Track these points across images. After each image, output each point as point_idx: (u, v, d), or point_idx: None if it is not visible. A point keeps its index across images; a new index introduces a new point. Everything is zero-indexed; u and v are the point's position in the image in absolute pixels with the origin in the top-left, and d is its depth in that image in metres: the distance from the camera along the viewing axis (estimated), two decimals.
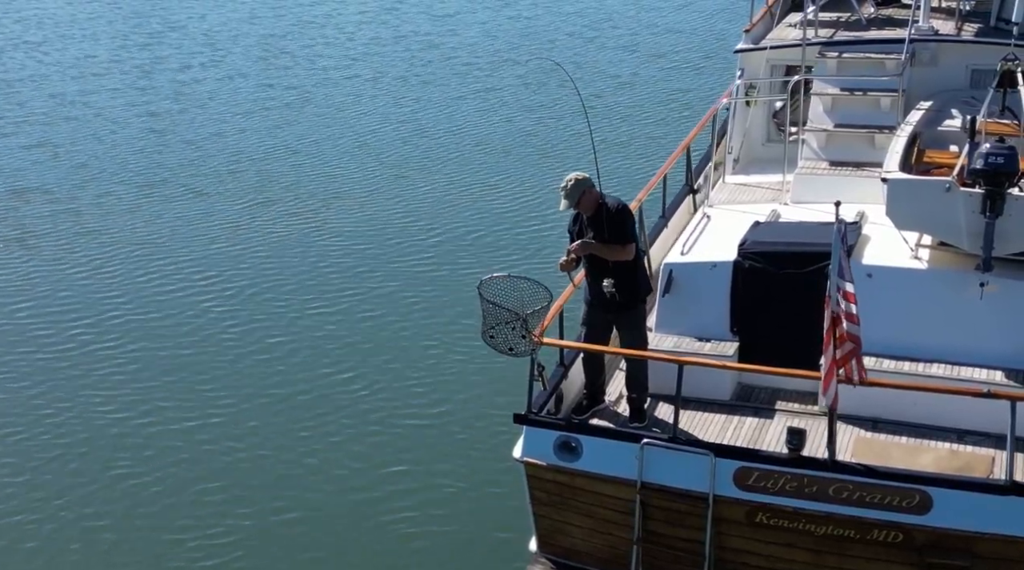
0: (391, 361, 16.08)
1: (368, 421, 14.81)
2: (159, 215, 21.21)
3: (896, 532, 9.48)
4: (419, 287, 18.09)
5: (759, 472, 9.78)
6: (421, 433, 14.52)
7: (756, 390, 11.47)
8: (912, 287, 11.15)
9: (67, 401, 15.40)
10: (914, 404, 10.54)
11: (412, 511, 13.10)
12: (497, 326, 9.79)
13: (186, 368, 16.09)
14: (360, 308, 17.51)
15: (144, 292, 18.23)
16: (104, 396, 15.49)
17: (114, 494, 13.61)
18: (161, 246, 19.88)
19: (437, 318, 17.17)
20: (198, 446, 14.42)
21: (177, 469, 13.99)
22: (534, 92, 27.48)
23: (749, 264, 11.61)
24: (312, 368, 15.99)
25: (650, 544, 10.24)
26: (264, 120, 26.24)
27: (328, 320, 17.20)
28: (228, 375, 15.96)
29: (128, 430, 14.79)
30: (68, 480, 13.89)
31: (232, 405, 15.24)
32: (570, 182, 10.59)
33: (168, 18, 35.24)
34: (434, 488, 13.49)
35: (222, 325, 17.24)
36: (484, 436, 14.32)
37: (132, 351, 16.61)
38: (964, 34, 14.48)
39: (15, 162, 23.90)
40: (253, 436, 14.58)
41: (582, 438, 10.39)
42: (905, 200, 11.11)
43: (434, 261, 18.97)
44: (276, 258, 19.28)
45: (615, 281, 10.68)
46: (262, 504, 13.33)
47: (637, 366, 11.01)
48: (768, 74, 14.99)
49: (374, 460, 14.02)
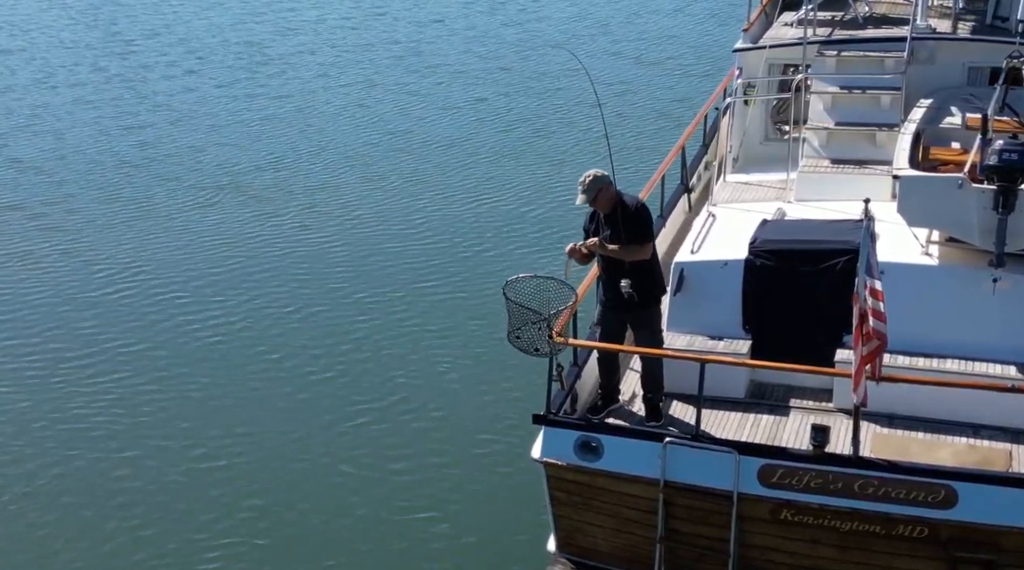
0: (405, 361, 16.00)
1: (382, 421, 14.75)
2: (167, 219, 20.92)
3: (922, 527, 9.52)
4: (434, 289, 17.99)
5: (783, 469, 9.80)
6: (433, 434, 14.46)
7: (770, 387, 11.50)
8: (924, 283, 11.21)
9: (61, 413, 15.29)
10: (929, 400, 10.60)
11: (427, 512, 13.04)
12: (523, 327, 9.74)
13: (208, 375, 15.95)
14: (375, 310, 17.38)
15: (142, 305, 17.87)
16: (104, 407, 15.36)
17: (127, 496, 13.56)
18: (171, 254, 19.64)
19: (450, 319, 17.09)
20: (217, 448, 14.43)
21: (202, 474, 13.99)
22: (542, 93, 27.34)
23: (761, 262, 11.63)
24: (327, 369, 15.90)
25: (673, 543, 10.23)
26: (275, 124, 25.86)
27: (343, 322, 17.08)
28: (244, 375, 15.88)
29: (146, 435, 14.77)
30: (76, 480, 13.84)
31: (246, 404, 15.22)
32: (588, 178, 10.58)
33: (149, 23, 34.55)
34: (448, 489, 13.43)
35: (241, 327, 17.11)
36: (498, 436, 14.27)
37: (144, 355, 16.51)
38: (960, 32, 14.61)
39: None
40: (268, 437, 14.51)
41: (603, 438, 10.37)
42: (917, 197, 11.17)
43: (450, 263, 18.85)
44: (294, 262, 19.08)
45: (632, 281, 10.66)
46: (278, 505, 13.28)
47: (653, 365, 11.00)
48: (767, 73, 15.04)
49: (389, 461, 13.96)
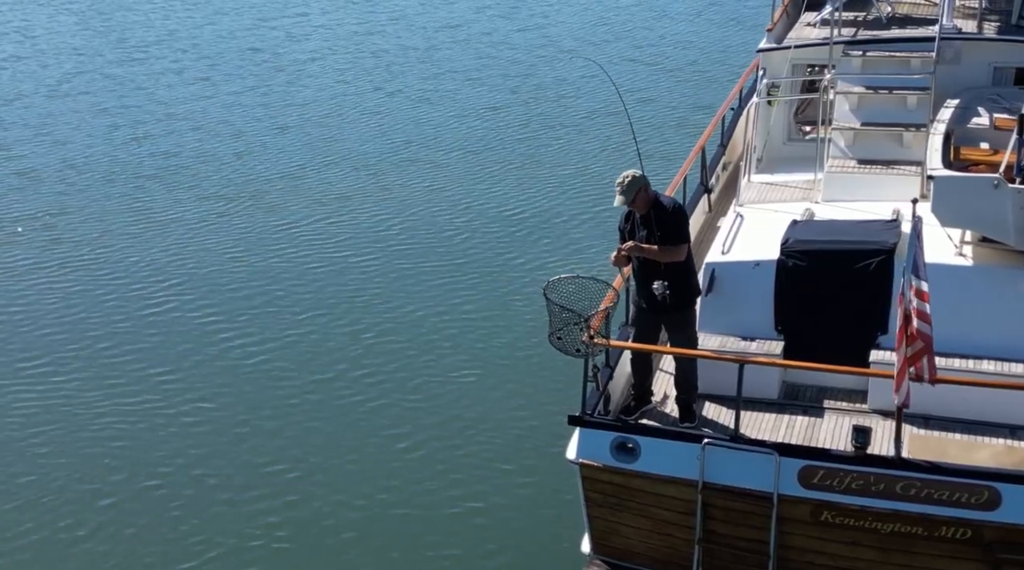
0: (435, 366, 15.92)
1: (415, 424, 14.68)
2: (183, 229, 20.64)
3: (964, 529, 9.49)
4: (462, 294, 17.86)
5: (824, 470, 9.76)
6: (464, 435, 14.39)
7: (802, 388, 11.47)
8: (959, 284, 11.18)
9: (70, 408, 15.27)
10: (965, 401, 10.57)
11: (458, 513, 13.01)
12: (564, 328, 9.68)
13: (239, 384, 15.79)
14: (404, 316, 17.23)
15: (159, 315, 17.64)
16: (110, 406, 15.32)
17: (138, 499, 13.51)
18: (187, 258, 19.50)
19: (479, 323, 17.00)
20: (259, 454, 14.36)
21: (228, 472, 13.95)
22: (559, 99, 27.14)
23: (793, 262, 11.59)
24: (361, 369, 15.82)
25: (712, 544, 10.20)
26: (293, 128, 25.62)
27: (374, 328, 16.94)
28: (276, 381, 15.78)
29: (161, 433, 14.72)
30: (85, 483, 13.81)
31: (279, 401, 15.20)
32: (627, 179, 10.50)
33: (160, 30, 33.91)
34: (480, 491, 13.38)
35: (272, 335, 16.95)
36: (527, 435, 14.23)
37: (152, 357, 16.41)
38: (985, 32, 14.58)
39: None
40: (301, 435, 14.47)
41: (640, 439, 10.33)
42: (951, 197, 11.14)
43: (476, 269, 18.71)
44: (320, 273, 18.84)
45: (667, 283, 10.62)
46: (311, 501, 13.26)
47: (688, 366, 10.95)
48: (790, 73, 15.00)
49: (422, 462, 13.92)
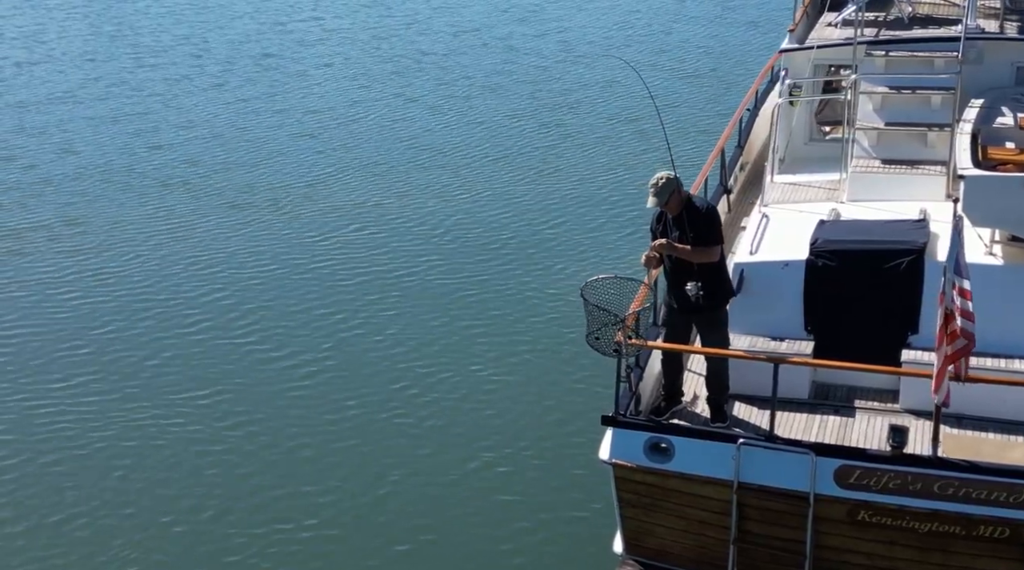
0: (465, 368, 15.90)
1: (447, 424, 14.69)
2: (198, 236, 20.48)
3: (1003, 528, 9.48)
4: (490, 297, 17.83)
5: (861, 470, 9.75)
6: (494, 436, 14.39)
7: (833, 388, 11.46)
8: (990, 283, 11.16)
9: (70, 413, 15.22)
10: (997, 400, 10.57)
11: (489, 513, 13.00)
12: (602, 328, 9.68)
13: (260, 389, 15.74)
14: (432, 319, 17.18)
15: (174, 321, 17.52)
16: (116, 406, 15.30)
17: (142, 499, 13.52)
18: (201, 257, 19.46)
19: (509, 325, 16.98)
20: (257, 444, 14.42)
21: (246, 472, 13.95)
22: (580, 103, 27.02)
23: (823, 262, 11.60)
24: (391, 371, 15.82)
25: (747, 544, 10.19)
26: (320, 133, 25.44)
27: (405, 324, 16.97)
28: (307, 374, 15.85)
29: (174, 437, 14.66)
30: (93, 485, 13.81)
31: (307, 400, 15.24)
32: (661, 181, 10.50)
33: (173, 36, 33.52)
34: (512, 491, 13.37)
35: (298, 331, 16.98)
36: (555, 435, 14.23)
37: (161, 357, 16.37)
38: (1007, 32, 14.59)
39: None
40: (330, 434, 14.48)
41: (673, 439, 10.31)
42: (982, 196, 11.15)
43: (503, 272, 18.66)
44: (355, 266, 18.89)
45: (700, 284, 10.62)
46: (341, 499, 13.30)
47: (719, 367, 10.94)
48: (812, 73, 15.00)
49: (454, 462, 13.92)
